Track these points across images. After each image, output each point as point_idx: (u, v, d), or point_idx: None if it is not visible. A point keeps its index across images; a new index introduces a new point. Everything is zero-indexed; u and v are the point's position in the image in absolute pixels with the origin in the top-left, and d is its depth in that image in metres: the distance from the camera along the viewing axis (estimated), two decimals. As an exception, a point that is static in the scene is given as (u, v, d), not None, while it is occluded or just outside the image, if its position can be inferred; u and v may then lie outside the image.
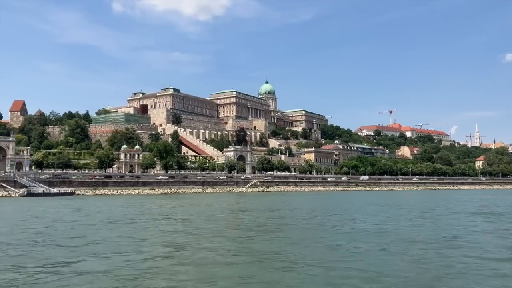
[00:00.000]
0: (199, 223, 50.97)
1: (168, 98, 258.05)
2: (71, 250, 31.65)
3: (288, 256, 29.26)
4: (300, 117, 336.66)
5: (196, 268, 25.76)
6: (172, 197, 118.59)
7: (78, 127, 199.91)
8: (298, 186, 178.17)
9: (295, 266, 25.62)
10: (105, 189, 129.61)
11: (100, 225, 48.09)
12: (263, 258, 28.19)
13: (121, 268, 25.20)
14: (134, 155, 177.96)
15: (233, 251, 31.18)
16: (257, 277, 23.11)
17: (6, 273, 23.95)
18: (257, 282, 22.30)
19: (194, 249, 31.99)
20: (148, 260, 28.05)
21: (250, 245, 34.27)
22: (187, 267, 25.95)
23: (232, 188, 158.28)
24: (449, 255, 29.42)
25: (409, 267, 25.43)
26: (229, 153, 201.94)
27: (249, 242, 36.01)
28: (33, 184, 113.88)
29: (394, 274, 23.44)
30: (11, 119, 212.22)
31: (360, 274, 23.48)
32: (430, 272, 24.17)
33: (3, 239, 37.16)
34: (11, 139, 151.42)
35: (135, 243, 35.36)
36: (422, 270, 24.61)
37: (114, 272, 24.06)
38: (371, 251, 30.63)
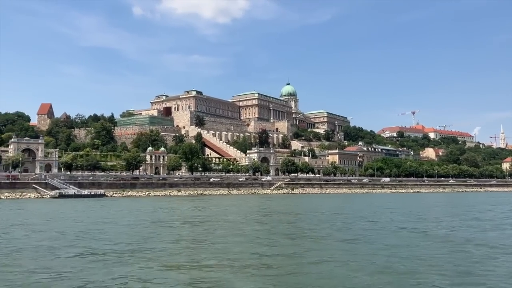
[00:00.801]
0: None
1: (191, 101, 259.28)
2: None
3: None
4: (322, 118, 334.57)
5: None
6: (200, 198, 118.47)
7: (104, 130, 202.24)
8: (323, 188, 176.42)
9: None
10: (133, 191, 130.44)
11: (178, 226, 48.48)
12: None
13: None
14: (159, 157, 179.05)
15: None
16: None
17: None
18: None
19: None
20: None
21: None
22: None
23: (257, 190, 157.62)
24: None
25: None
26: (253, 155, 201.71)
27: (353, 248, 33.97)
28: (64, 186, 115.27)
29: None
30: (39, 122, 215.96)
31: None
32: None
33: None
34: (40, 141, 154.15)
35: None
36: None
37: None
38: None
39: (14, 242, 36.08)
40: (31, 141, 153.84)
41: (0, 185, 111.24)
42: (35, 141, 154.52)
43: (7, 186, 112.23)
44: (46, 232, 42.90)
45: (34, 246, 34.05)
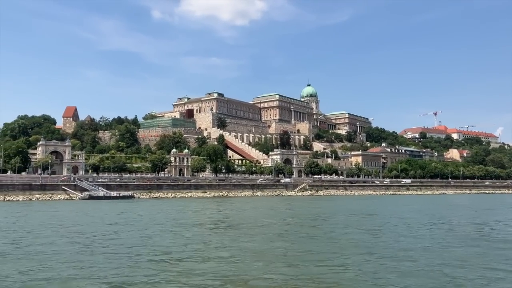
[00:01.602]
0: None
1: (213, 103, 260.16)
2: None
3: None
4: (343, 119, 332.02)
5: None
6: (226, 200, 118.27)
7: (128, 132, 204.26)
8: (348, 190, 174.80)
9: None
10: (159, 192, 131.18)
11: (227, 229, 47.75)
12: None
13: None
14: (183, 158, 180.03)
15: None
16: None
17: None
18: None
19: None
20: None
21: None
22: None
23: (282, 191, 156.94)
24: None
25: None
26: (275, 156, 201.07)
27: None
28: (94, 188, 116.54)
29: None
30: (64, 125, 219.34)
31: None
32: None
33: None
34: (67, 144, 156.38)
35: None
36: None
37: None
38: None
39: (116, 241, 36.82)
40: (58, 144, 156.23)
41: (31, 186, 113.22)
42: (62, 143, 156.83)
43: (38, 187, 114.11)
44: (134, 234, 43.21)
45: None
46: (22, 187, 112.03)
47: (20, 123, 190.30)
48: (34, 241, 36.63)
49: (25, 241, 36.62)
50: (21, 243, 35.65)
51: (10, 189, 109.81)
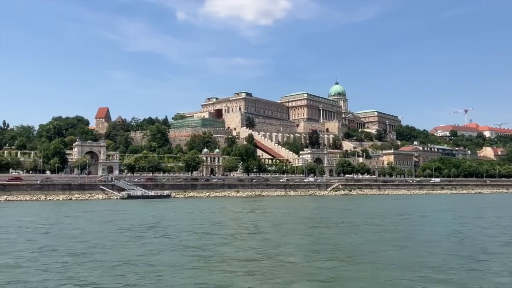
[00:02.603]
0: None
1: (241, 102, 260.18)
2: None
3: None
4: (372, 118, 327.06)
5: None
6: (261, 199, 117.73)
7: (159, 132, 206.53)
8: (381, 189, 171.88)
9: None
10: (193, 192, 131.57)
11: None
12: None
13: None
14: (215, 158, 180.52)
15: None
16: None
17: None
18: None
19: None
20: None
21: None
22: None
23: (314, 191, 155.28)
24: None
25: None
26: (306, 155, 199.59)
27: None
28: (132, 187, 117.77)
29: None
30: (97, 126, 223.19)
31: None
32: None
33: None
34: (102, 144, 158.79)
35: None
36: None
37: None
38: None
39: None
40: (94, 144, 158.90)
41: (71, 186, 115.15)
42: (98, 144, 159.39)
43: (77, 187, 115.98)
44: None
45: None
46: (62, 187, 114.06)
47: (55, 125, 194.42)
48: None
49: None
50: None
51: (51, 188, 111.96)
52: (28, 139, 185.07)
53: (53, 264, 27.15)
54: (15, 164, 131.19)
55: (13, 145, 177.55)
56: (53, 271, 25.18)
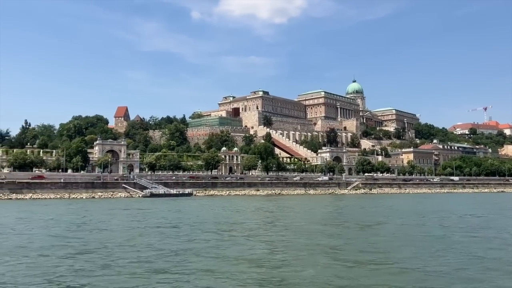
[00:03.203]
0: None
1: (258, 101, 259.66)
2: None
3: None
4: (390, 116, 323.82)
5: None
6: (282, 198, 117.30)
7: (177, 131, 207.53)
8: (402, 188, 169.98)
9: None
10: (214, 190, 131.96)
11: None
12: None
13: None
14: (233, 157, 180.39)
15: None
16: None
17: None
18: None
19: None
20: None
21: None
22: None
23: (334, 190, 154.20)
24: None
25: None
26: (325, 154, 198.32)
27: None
28: (154, 185, 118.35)
29: None
30: (116, 124, 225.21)
31: None
32: None
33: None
34: (123, 143, 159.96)
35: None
36: None
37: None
38: None
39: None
40: (114, 143, 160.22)
41: (93, 185, 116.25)
42: (118, 142, 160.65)
43: (99, 185, 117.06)
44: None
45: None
46: (85, 185, 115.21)
47: (76, 124, 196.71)
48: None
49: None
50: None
51: (74, 187, 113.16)
52: (49, 138, 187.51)
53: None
54: (39, 163, 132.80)
55: (35, 144, 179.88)
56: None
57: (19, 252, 31.57)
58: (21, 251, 31.95)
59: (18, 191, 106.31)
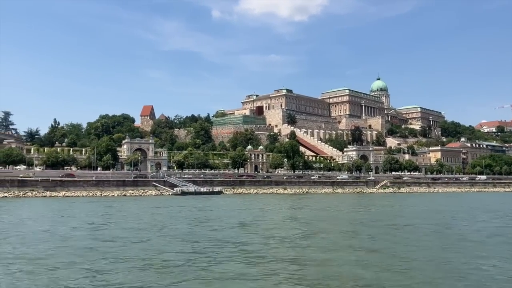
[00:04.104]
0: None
1: (282, 99, 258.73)
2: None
3: None
4: (415, 114, 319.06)
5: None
6: (311, 197, 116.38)
7: (202, 130, 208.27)
8: (431, 187, 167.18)
9: None
10: (242, 188, 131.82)
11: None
12: None
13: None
14: (258, 155, 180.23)
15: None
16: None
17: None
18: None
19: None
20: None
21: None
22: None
23: (362, 189, 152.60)
24: None
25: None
26: (351, 152, 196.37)
27: None
28: (184, 183, 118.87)
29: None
30: (142, 123, 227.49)
31: None
32: None
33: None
34: (151, 141, 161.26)
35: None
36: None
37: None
38: None
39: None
40: (142, 141, 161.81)
41: (124, 182, 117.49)
42: (146, 141, 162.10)
43: (130, 183, 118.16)
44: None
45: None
46: (116, 183, 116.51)
47: (103, 122, 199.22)
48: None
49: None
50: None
51: (106, 185, 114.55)
52: (77, 136, 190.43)
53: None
54: (70, 161, 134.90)
55: (64, 142, 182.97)
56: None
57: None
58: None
59: (51, 188, 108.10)
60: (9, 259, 27.83)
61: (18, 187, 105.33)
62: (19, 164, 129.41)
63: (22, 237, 37.45)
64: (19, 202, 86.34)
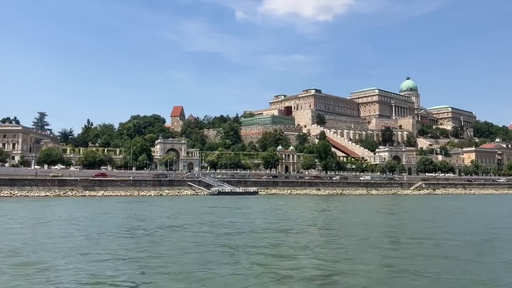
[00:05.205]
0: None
1: (310, 99, 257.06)
2: None
3: None
4: (446, 114, 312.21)
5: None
6: (346, 198, 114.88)
7: (232, 130, 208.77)
8: (466, 188, 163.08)
9: None
10: (275, 189, 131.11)
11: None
12: None
13: None
14: (289, 155, 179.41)
15: None
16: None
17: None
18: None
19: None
20: None
21: None
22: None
23: (397, 190, 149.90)
24: None
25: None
26: (383, 153, 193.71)
27: None
28: (219, 183, 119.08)
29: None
30: (172, 124, 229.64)
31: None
32: None
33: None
34: (183, 141, 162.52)
35: None
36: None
37: None
38: None
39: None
40: (175, 142, 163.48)
41: (161, 182, 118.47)
42: (179, 141, 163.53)
43: (166, 183, 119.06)
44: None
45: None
46: (153, 182, 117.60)
47: (135, 123, 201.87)
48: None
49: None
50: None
51: (143, 185, 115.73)
52: (110, 137, 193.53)
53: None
54: (107, 161, 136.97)
55: (96, 142, 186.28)
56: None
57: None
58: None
59: (90, 188, 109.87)
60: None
61: (58, 186, 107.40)
62: (57, 164, 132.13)
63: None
64: (64, 200, 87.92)
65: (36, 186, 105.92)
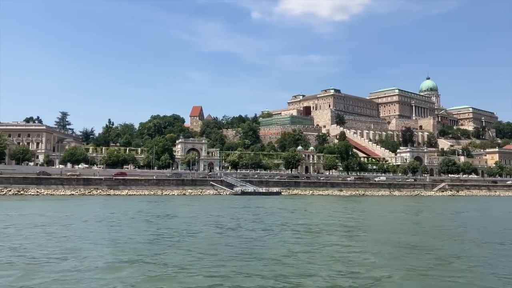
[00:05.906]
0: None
1: (330, 99, 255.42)
2: None
3: None
4: (467, 114, 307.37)
5: None
6: (370, 200, 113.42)
7: (251, 130, 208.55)
8: (491, 190, 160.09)
9: None
10: (297, 189, 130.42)
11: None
12: None
13: None
14: (309, 156, 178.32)
15: None
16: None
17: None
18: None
19: None
20: None
21: None
22: None
23: (420, 191, 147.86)
24: None
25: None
26: (404, 154, 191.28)
27: None
28: (242, 183, 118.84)
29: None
30: (191, 124, 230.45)
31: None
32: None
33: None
34: (204, 141, 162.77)
35: None
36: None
37: None
38: None
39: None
40: (196, 141, 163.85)
41: (183, 182, 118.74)
42: (199, 141, 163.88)
43: (189, 183, 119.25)
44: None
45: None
46: (176, 182, 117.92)
47: (155, 123, 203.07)
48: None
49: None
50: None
51: (166, 184, 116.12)
52: (130, 136, 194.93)
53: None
54: (130, 160, 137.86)
55: (117, 142, 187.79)
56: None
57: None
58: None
59: (114, 187, 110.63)
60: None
61: (83, 185, 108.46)
62: (80, 163, 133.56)
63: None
64: (89, 199, 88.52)
65: (61, 185, 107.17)
